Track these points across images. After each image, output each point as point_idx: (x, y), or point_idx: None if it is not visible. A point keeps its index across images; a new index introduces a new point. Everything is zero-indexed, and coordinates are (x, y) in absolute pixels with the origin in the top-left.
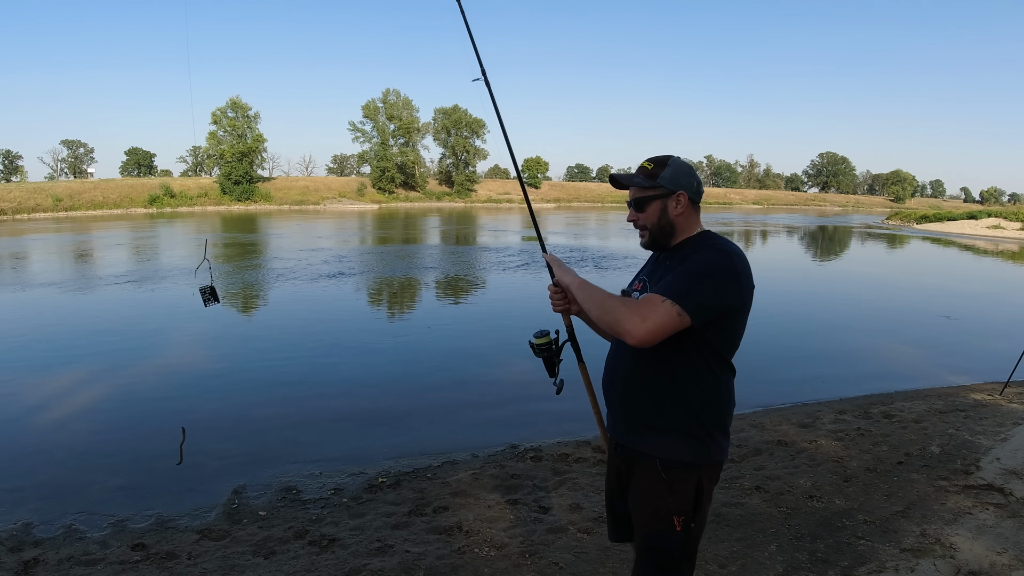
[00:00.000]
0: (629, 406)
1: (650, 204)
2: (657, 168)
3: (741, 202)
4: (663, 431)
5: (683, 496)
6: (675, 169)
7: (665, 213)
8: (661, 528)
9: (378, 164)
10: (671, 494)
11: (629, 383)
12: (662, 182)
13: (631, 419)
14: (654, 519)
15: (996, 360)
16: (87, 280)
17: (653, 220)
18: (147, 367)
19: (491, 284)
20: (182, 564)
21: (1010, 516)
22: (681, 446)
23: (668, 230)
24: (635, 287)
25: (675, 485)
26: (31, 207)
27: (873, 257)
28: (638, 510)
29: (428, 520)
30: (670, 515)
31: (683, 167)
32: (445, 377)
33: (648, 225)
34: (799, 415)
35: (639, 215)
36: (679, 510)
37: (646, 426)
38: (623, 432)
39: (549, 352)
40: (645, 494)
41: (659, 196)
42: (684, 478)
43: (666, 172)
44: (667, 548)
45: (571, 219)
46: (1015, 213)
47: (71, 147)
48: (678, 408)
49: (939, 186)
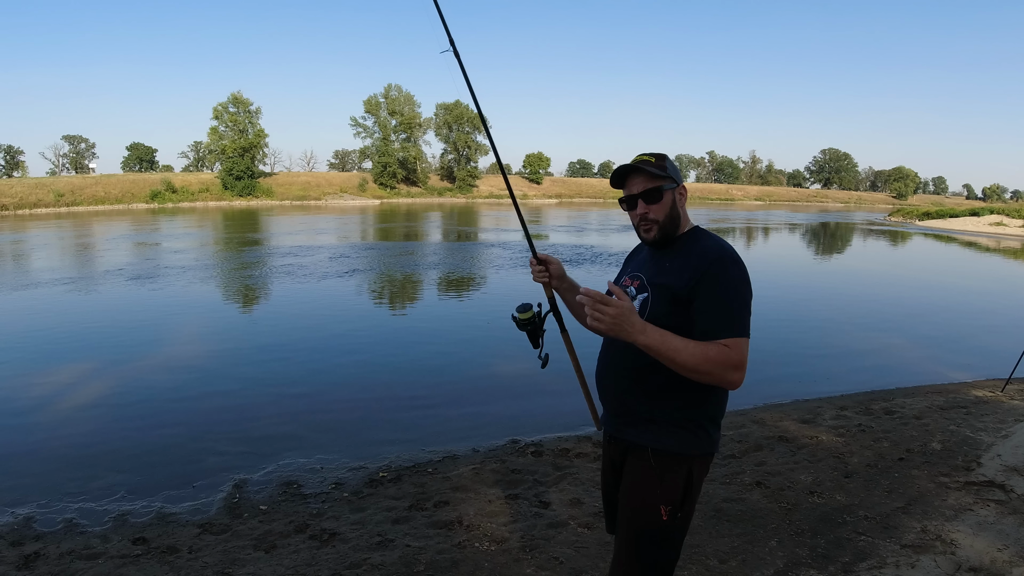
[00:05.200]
0: (624, 399)
1: (664, 194)
2: (660, 160)
3: (743, 198)
4: (656, 422)
5: (672, 486)
6: (673, 163)
7: (675, 204)
8: (646, 516)
9: (380, 160)
10: (660, 484)
11: (624, 376)
12: (671, 173)
13: (626, 412)
14: (641, 507)
15: (998, 357)
16: (88, 276)
17: (666, 212)
18: (148, 362)
19: (493, 279)
20: (183, 558)
21: (1011, 513)
22: (673, 437)
23: (676, 223)
24: (628, 283)
25: (665, 475)
26: (33, 202)
27: (875, 254)
28: (625, 497)
29: (429, 515)
30: (657, 505)
31: (675, 163)
32: (446, 372)
33: (660, 218)
34: (800, 411)
35: (651, 207)
36: (667, 500)
37: (640, 418)
38: (618, 424)
39: (533, 325)
40: (635, 482)
41: (670, 187)
42: (674, 468)
43: (668, 164)
44: (649, 535)
45: (573, 215)
46: (1017, 210)
47: (72, 142)
48: (672, 400)
49: (941, 183)
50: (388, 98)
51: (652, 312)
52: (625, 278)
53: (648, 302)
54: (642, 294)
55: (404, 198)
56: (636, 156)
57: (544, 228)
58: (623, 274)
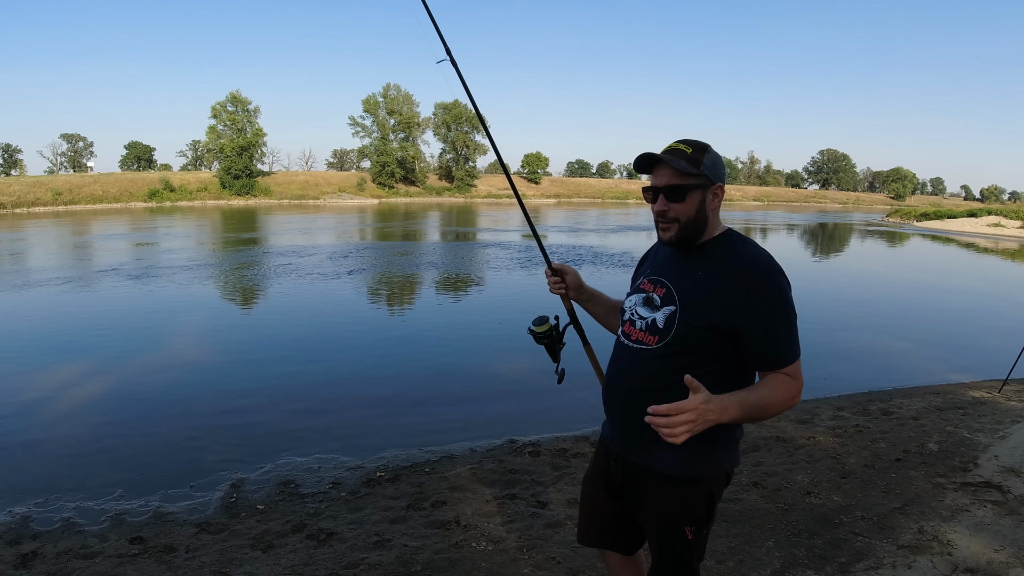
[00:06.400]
0: (637, 419)
1: (691, 193)
2: (698, 153)
3: (742, 199)
4: (674, 447)
5: (696, 509)
6: (714, 158)
7: (703, 206)
8: (673, 537)
9: (378, 159)
10: (683, 508)
11: (636, 397)
12: (705, 171)
13: (638, 434)
14: (666, 531)
15: (995, 358)
16: (85, 275)
17: (691, 213)
18: (145, 361)
19: (491, 279)
20: (180, 557)
21: (1008, 514)
22: (691, 461)
23: (702, 226)
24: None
25: (686, 499)
26: (30, 201)
27: (873, 255)
28: (651, 524)
29: (426, 514)
30: (682, 527)
31: (719, 156)
32: (444, 372)
33: (683, 218)
34: (797, 411)
35: (672, 205)
36: (691, 521)
37: (655, 441)
38: (627, 445)
39: (550, 339)
40: (656, 509)
41: (700, 186)
42: (695, 492)
43: (707, 159)
44: (680, 555)
45: (571, 216)
46: (1015, 211)
47: (71, 141)
48: None
49: (939, 184)
50: (387, 97)
51: (679, 332)
52: (644, 280)
53: (676, 319)
54: (668, 306)
55: (403, 197)
56: (673, 142)
57: (543, 228)
58: (640, 275)
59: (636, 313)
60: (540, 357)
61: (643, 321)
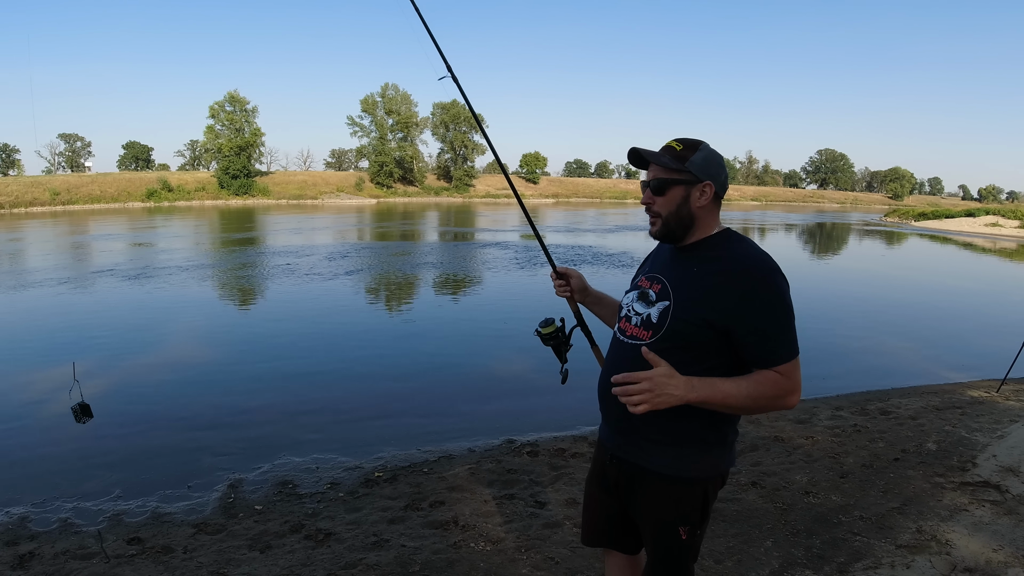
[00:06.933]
0: (632, 419)
1: (671, 189)
2: (687, 151)
3: (740, 199)
4: (668, 446)
5: (690, 509)
6: (707, 156)
7: (686, 202)
8: (667, 538)
9: (376, 159)
10: (677, 508)
11: None
12: (691, 167)
13: (632, 431)
14: (661, 531)
15: (993, 357)
16: (83, 275)
17: (671, 208)
18: (143, 361)
19: (490, 279)
20: (178, 558)
21: (1006, 513)
22: (687, 461)
23: (686, 222)
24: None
25: (682, 499)
26: (28, 201)
27: (871, 254)
28: (646, 524)
29: (424, 515)
30: (676, 527)
31: (715, 156)
32: (442, 372)
33: (664, 213)
34: (795, 411)
35: (656, 199)
36: (685, 521)
37: (649, 440)
38: (622, 444)
39: (557, 340)
40: (651, 509)
41: (683, 182)
42: (690, 492)
43: (696, 157)
44: (674, 555)
45: (569, 216)
46: (1013, 211)
47: (68, 141)
48: (684, 422)
49: (937, 183)
50: (385, 97)
51: (673, 327)
52: (642, 278)
53: (670, 313)
54: (663, 302)
55: (401, 197)
56: (669, 141)
57: (541, 228)
58: (640, 273)
59: (632, 309)
60: (538, 357)
61: (638, 316)
